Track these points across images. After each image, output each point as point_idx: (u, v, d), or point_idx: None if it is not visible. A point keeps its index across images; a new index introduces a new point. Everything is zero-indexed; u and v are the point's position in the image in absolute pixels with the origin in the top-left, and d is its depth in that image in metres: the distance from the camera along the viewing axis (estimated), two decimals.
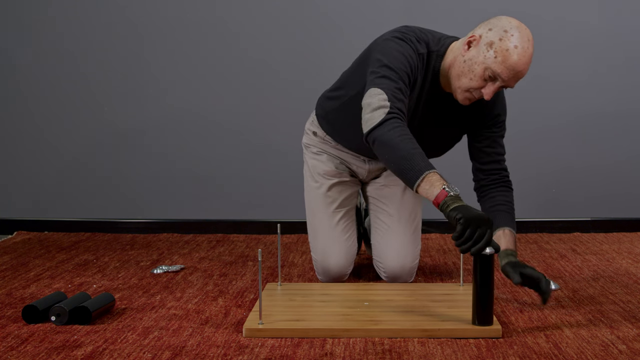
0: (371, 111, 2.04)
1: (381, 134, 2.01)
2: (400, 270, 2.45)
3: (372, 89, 2.07)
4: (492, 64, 2.03)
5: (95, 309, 2.06)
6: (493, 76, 2.05)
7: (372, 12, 3.47)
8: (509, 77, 2.03)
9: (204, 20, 3.52)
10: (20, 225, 3.57)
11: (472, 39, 2.08)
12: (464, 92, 2.11)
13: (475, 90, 2.09)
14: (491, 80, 2.06)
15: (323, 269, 2.47)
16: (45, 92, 3.59)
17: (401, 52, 2.11)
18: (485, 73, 2.05)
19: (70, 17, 3.54)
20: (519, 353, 1.80)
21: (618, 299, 2.28)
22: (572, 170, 3.51)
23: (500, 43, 2.02)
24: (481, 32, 2.07)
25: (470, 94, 2.11)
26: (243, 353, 1.81)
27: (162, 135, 3.57)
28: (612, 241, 3.20)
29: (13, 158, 3.63)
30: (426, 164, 1.95)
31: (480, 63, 2.05)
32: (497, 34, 2.04)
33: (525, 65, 2.04)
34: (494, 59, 2.02)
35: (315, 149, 2.54)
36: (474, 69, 2.06)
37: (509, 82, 2.05)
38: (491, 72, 2.04)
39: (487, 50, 2.04)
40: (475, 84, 2.07)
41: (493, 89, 2.06)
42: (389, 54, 2.11)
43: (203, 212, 3.57)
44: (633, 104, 3.49)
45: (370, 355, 1.79)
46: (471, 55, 2.07)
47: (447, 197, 1.89)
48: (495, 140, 2.29)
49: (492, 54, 2.03)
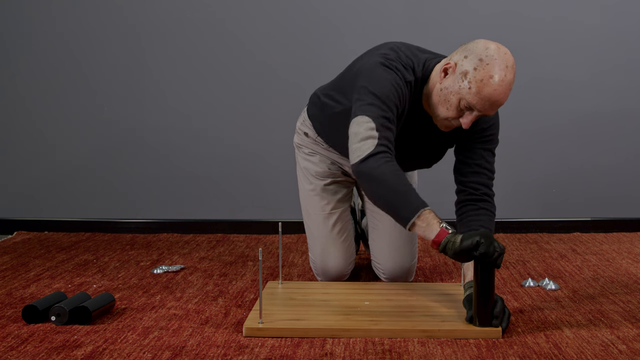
0: (359, 141, 1.98)
1: (371, 168, 1.96)
2: (399, 270, 2.44)
3: (360, 117, 2.00)
4: (466, 95, 1.95)
5: (95, 309, 2.06)
6: (469, 107, 1.98)
7: (372, 12, 3.47)
8: (484, 108, 1.96)
9: (204, 21, 3.52)
10: (20, 225, 3.57)
11: (447, 67, 2.00)
12: (442, 120, 2.06)
13: (454, 119, 2.03)
14: (467, 110, 1.99)
15: (322, 271, 2.47)
16: (45, 93, 3.59)
17: (389, 81, 2.03)
18: (461, 104, 1.98)
19: (70, 17, 3.54)
20: (519, 353, 1.80)
21: (618, 299, 2.28)
22: (572, 170, 3.51)
23: (475, 73, 1.94)
24: (457, 59, 1.99)
25: (448, 122, 2.05)
26: (243, 353, 1.81)
27: (162, 136, 3.57)
28: (612, 241, 3.20)
29: (13, 158, 3.63)
30: (420, 202, 1.91)
31: (455, 93, 1.98)
32: (472, 62, 1.95)
33: (502, 94, 1.94)
34: (468, 90, 1.95)
35: (307, 150, 2.51)
36: (449, 99, 2.00)
37: (486, 112, 1.97)
38: (466, 102, 1.97)
39: (461, 80, 1.96)
40: (452, 114, 2.01)
41: (471, 118, 1.99)
42: (377, 82, 2.04)
43: (203, 212, 3.57)
44: (633, 104, 3.49)
45: (370, 355, 1.79)
46: (447, 84, 2.00)
47: (449, 235, 1.87)
48: (482, 154, 2.19)
49: (466, 84, 1.95)
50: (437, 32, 3.41)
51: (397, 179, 1.94)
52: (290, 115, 3.44)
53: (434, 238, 1.88)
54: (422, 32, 3.44)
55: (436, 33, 3.40)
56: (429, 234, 1.88)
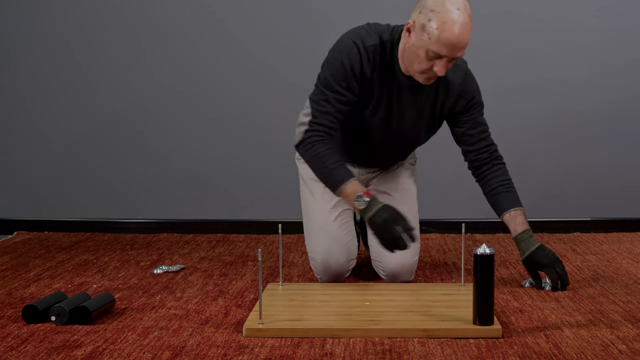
0: (296, 126, 2.28)
1: (301, 154, 2.28)
2: (400, 268, 2.44)
3: (306, 101, 2.28)
4: (429, 45, 2.10)
5: (95, 308, 2.06)
6: (436, 55, 2.12)
7: (372, 11, 3.46)
8: (449, 51, 2.11)
9: (204, 21, 3.52)
10: (20, 225, 3.57)
11: (409, 26, 2.16)
12: (420, 74, 2.20)
13: (429, 71, 2.17)
14: (437, 58, 2.13)
15: (323, 267, 2.44)
16: (45, 92, 3.59)
17: (341, 61, 2.22)
18: (428, 54, 2.13)
19: (70, 17, 3.55)
20: (519, 353, 1.80)
21: (618, 299, 2.28)
22: (572, 170, 3.51)
23: (430, 24, 2.09)
24: (414, 16, 2.15)
25: (426, 74, 2.19)
26: (243, 353, 1.81)
27: (162, 136, 3.57)
28: (612, 241, 3.20)
29: (13, 158, 3.63)
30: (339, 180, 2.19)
31: (420, 47, 2.13)
32: (426, 15, 2.11)
33: (461, 34, 2.09)
34: (429, 41, 2.10)
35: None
36: (418, 53, 2.15)
37: (453, 54, 2.12)
38: (432, 52, 2.12)
39: (422, 34, 2.11)
40: (425, 66, 2.16)
41: (442, 64, 2.14)
42: (330, 64, 2.25)
43: (203, 212, 3.57)
44: (633, 104, 3.49)
45: (370, 355, 1.79)
46: (412, 41, 2.15)
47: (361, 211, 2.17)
48: (476, 120, 2.39)
49: (426, 36, 2.10)
50: None
51: (320, 162, 2.22)
52: (290, 115, 3.43)
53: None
54: None
55: None
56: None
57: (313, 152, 2.23)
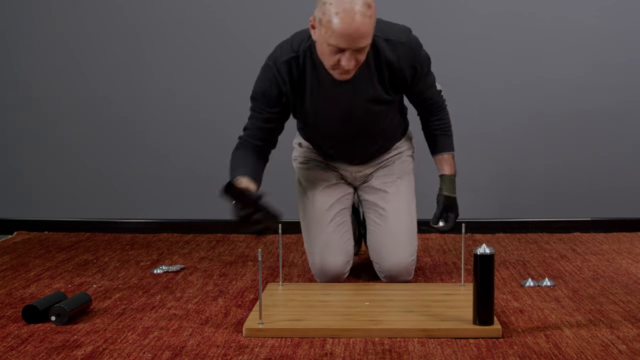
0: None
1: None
2: (396, 267, 2.44)
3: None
4: (328, 38, 2.07)
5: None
6: (337, 49, 2.08)
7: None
8: (347, 43, 2.06)
9: (204, 21, 3.52)
10: (20, 225, 3.57)
11: (311, 23, 2.14)
12: (332, 70, 2.16)
13: (337, 65, 2.13)
14: (339, 52, 2.09)
15: (321, 268, 2.45)
16: (45, 92, 3.59)
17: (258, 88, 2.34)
18: (330, 48, 2.09)
19: (70, 17, 3.55)
20: (519, 353, 1.80)
21: (618, 299, 2.28)
22: (572, 170, 3.51)
23: (324, 17, 2.06)
24: (314, 13, 2.12)
25: (338, 69, 2.15)
26: (243, 353, 1.81)
27: (162, 136, 3.57)
28: (612, 241, 3.20)
29: (13, 158, 3.63)
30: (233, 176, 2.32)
31: (322, 42, 2.10)
32: (320, 10, 2.07)
33: (353, 24, 2.03)
34: (325, 35, 2.07)
35: (301, 159, 2.62)
36: (322, 48, 2.12)
37: (353, 45, 2.06)
38: (332, 45, 2.07)
39: (320, 29, 2.09)
40: (332, 60, 2.12)
41: (347, 57, 2.09)
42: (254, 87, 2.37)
43: (203, 212, 3.56)
44: (633, 104, 3.49)
45: (370, 355, 1.79)
46: (316, 37, 2.14)
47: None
48: (424, 91, 2.38)
49: (323, 30, 2.07)
50: (438, 32, 3.41)
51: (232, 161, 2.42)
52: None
53: None
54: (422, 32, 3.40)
55: (436, 33, 3.40)
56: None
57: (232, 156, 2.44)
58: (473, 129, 3.44)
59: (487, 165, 3.49)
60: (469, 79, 3.43)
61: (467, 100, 3.41)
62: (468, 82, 3.43)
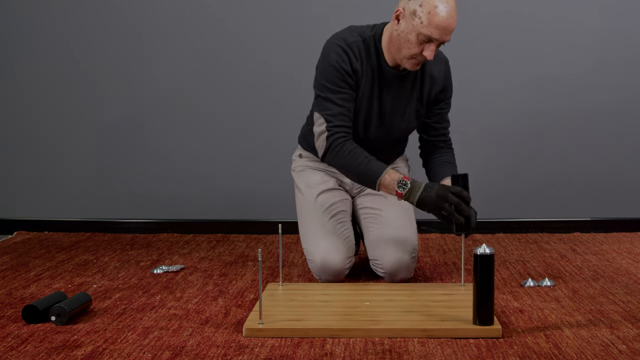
0: (317, 139, 2.37)
1: (330, 161, 2.36)
2: (398, 265, 2.43)
3: (315, 114, 2.38)
4: (421, 28, 2.23)
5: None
6: (427, 39, 2.24)
7: (373, 11, 3.46)
8: (440, 34, 2.23)
9: (204, 21, 3.52)
10: (20, 225, 3.57)
11: (398, 13, 2.28)
12: (408, 60, 2.31)
13: (418, 55, 2.29)
14: (427, 42, 2.26)
15: (322, 266, 2.44)
16: (45, 92, 3.59)
17: (330, 64, 2.35)
18: (419, 38, 2.25)
19: (70, 16, 3.55)
20: (519, 353, 1.80)
21: (618, 299, 2.28)
22: (572, 170, 3.51)
23: (421, 9, 2.22)
24: (402, 4, 2.27)
25: (415, 60, 2.31)
26: (243, 353, 1.81)
27: (162, 136, 3.57)
28: (612, 241, 3.20)
29: (13, 158, 3.63)
30: (376, 172, 2.27)
31: (411, 32, 2.25)
32: (416, 1, 2.23)
33: (451, 19, 2.22)
34: (421, 24, 2.22)
35: (300, 168, 2.66)
36: (408, 38, 2.26)
37: (443, 38, 2.24)
38: (424, 36, 2.24)
39: (413, 19, 2.24)
40: (415, 50, 2.28)
41: (432, 48, 2.26)
42: (322, 71, 2.37)
43: (203, 212, 3.57)
44: (633, 104, 3.49)
45: (370, 355, 1.79)
46: (402, 27, 2.27)
47: (404, 196, 2.24)
48: (443, 116, 2.55)
49: (418, 20, 2.23)
50: None
51: (352, 161, 2.30)
52: (291, 115, 3.44)
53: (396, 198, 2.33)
54: None
55: None
56: (391, 194, 2.30)
57: (343, 153, 2.32)
58: (473, 128, 3.44)
59: (487, 165, 3.49)
60: (469, 79, 3.43)
61: (467, 99, 3.40)
62: (468, 81, 3.43)
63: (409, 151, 2.72)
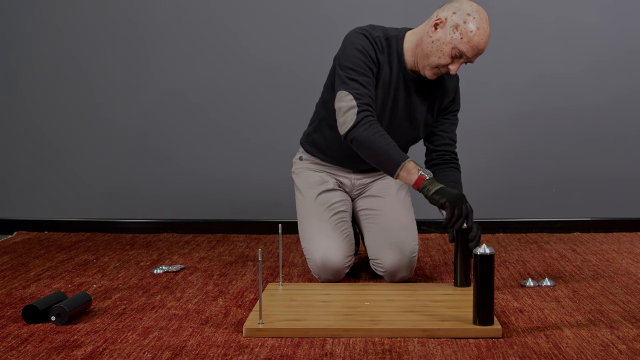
0: (343, 114, 2.31)
1: (357, 135, 2.28)
2: (398, 264, 2.43)
3: (340, 92, 2.33)
4: (458, 44, 2.27)
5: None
6: (459, 54, 2.30)
7: (373, 11, 3.47)
8: (472, 54, 2.30)
9: (205, 22, 3.52)
10: (20, 225, 3.57)
11: (438, 22, 2.31)
12: (432, 68, 2.34)
13: (443, 67, 2.33)
14: (457, 57, 2.31)
15: (322, 265, 2.44)
16: (45, 92, 3.59)
17: (356, 48, 2.34)
18: (453, 52, 2.29)
19: (70, 16, 3.55)
20: (519, 353, 1.80)
21: (618, 299, 2.28)
22: (572, 170, 3.51)
23: (465, 25, 2.26)
24: (446, 15, 2.30)
25: (438, 70, 2.35)
26: (243, 353, 1.81)
27: (162, 136, 3.57)
28: (612, 241, 3.20)
29: (13, 158, 3.63)
30: (401, 155, 2.25)
31: (447, 43, 2.28)
32: (462, 17, 2.27)
33: (486, 44, 2.30)
34: (460, 40, 2.27)
35: (300, 170, 2.66)
36: (442, 48, 2.30)
37: (472, 58, 2.31)
38: (458, 51, 2.29)
39: (453, 32, 2.28)
40: (444, 61, 2.31)
41: (458, 64, 2.32)
42: (346, 55, 2.35)
43: (203, 212, 3.57)
44: (633, 103, 3.49)
45: (370, 355, 1.79)
46: (438, 36, 2.30)
47: (426, 181, 2.22)
48: (451, 126, 2.56)
49: (458, 35, 2.27)
50: None
51: (380, 140, 2.27)
52: (291, 115, 3.45)
53: (413, 184, 2.25)
54: None
55: None
56: (410, 181, 2.25)
57: (372, 130, 2.27)
58: (473, 128, 3.44)
59: (488, 165, 3.49)
60: (470, 78, 3.43)
61: (468, 99, 3.39)
62: (468, 81, 3.42)
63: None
